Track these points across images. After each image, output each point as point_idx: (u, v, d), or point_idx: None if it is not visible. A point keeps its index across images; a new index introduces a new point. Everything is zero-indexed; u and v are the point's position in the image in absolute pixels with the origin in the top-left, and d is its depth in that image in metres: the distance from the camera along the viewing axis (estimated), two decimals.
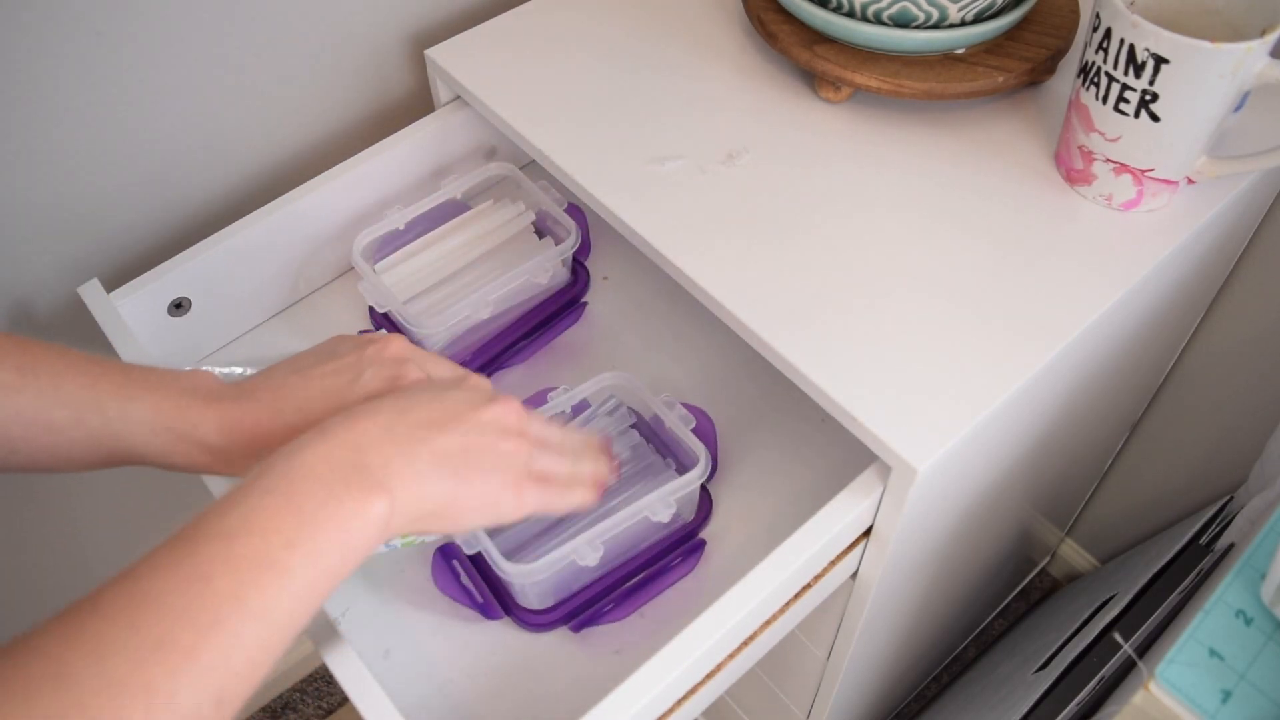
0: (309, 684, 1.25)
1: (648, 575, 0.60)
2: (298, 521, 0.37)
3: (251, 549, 0.36)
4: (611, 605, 0.59)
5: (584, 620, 0.59)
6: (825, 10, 0.63)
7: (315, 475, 0.38)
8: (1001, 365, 0.53)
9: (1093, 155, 0.58)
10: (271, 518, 0.37)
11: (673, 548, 0.61)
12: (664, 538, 0.61)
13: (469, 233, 0.72)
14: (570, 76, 0.70)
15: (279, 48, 0.72)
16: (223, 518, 0.36)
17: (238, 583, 0.35)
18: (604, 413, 0.63)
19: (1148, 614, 0.76)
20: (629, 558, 0.60)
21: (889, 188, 0.62)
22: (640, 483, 0.60)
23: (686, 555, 0.61)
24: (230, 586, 0.34)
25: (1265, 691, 0.58)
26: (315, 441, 0.40)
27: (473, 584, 0.59)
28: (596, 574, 0.59)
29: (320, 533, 0.37)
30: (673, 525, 0.61)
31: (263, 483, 0.38)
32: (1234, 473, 0.98)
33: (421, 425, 0.42)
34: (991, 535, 0.82)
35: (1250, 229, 0.78)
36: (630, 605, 0.59)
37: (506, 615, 0.59)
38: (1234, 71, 0.51)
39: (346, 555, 0.38)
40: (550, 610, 0.58)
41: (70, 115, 0.65)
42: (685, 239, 0.59)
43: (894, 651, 0.83)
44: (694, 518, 0.62)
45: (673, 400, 0.62)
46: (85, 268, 0.72)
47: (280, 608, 0.36)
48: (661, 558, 0.60)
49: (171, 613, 0.33)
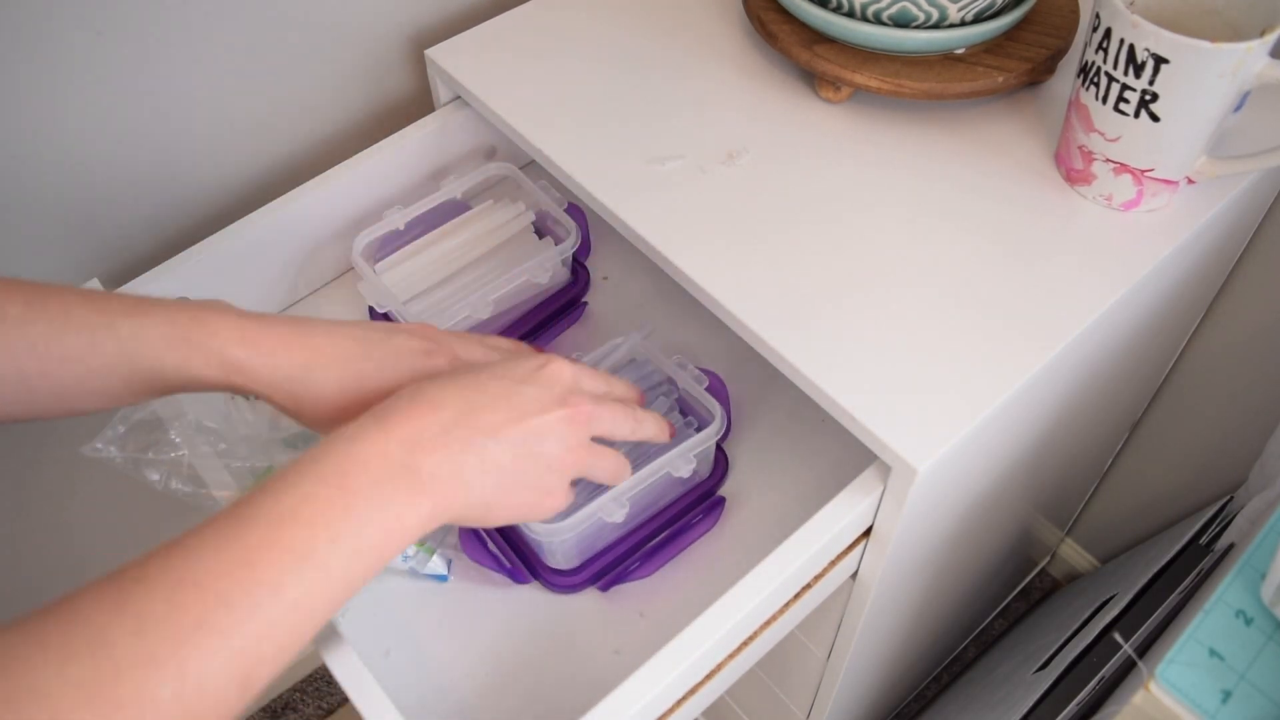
0: (309, 684, 1.25)
1: (672, 532, 0.61)
2: (345, 516, 0.37)
3: (298, 540, 0.36)
4: (638, 563, 0.60)
5: (612, 579, 0.60)
6: (825, 10, 0.63)
7: (368, 471, 0.39)
8: (1001, 365, 0.53)
9: (1093, 155, 0.58)
10: (322, 510, 0.37)
11: (694, 505, 0.62)
12: (684, 495, 0.62)
13: (469, 233, 0.72)
14: (570, 76, 0.70)
15: (279, 48, 0.72)
16: (276, 502, 0.37)
17: (280, 571, 0.35)
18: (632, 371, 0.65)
19: (1148, 614, 0.76)
20: (650, 515, 0.61)
21: (889, 188, 0.62)
22: None
23: (707, 512, 0.62)
24: (273, 575, 0.35)
25: (1265, 691, 0.58)
26: (373, 431, 0.40)
27: (499, 550, 0.60)
28: (620, 532, 0.60)
29: (365, 529, 0.38)
30: (691, 482, 0.62)
31: (317, 470, 0.38)
32: (1234, 473, 0.98)
33: (481, 431, 0.43)
34: (991, 535, 0.82)
35: (1250, 229, 0.78)
36: (656, 562, 0.60)
37: (535, 579, 0.60)
38: (1234, 71, 0.51)
39: (384, 553, 0.39)
40: (578, 570, 0.59)
41: (70, 115, 0.65)
42: (685, 239, 0.59)
43: (894, 651, 0.83)
44: (712, 475, 0.64)
45: (685, 361, 0.64)
46: (85, 268, 0.72)
47: (315, 598, 0.36)
48: (683, 515, 0.62)
49: (213, 596, 0.34)
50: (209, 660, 0.33)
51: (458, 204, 0.73)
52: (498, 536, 0.61)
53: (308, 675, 1.25)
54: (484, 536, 0.61)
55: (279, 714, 1.22)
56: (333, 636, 0.50)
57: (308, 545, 0.36)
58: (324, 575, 0.36)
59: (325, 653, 0.49)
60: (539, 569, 0.60)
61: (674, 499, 0.62)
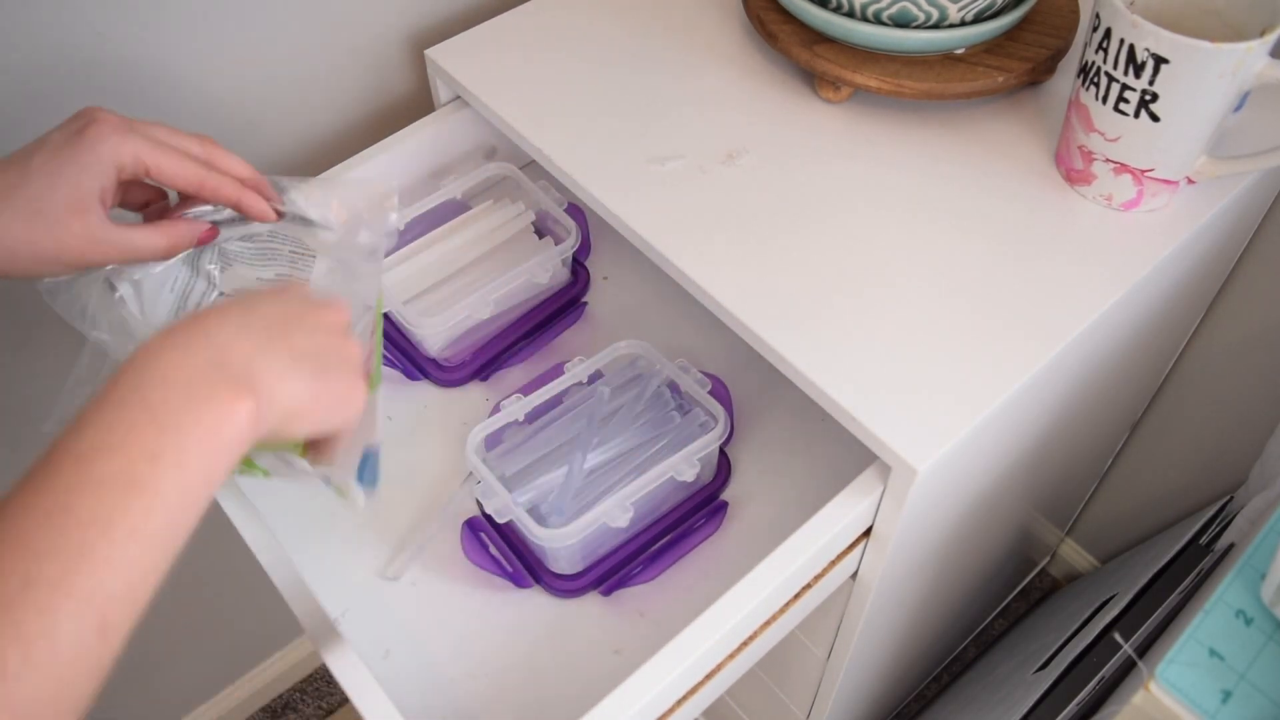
0: (309, 684, 1.25)
1: (674, 537, 0.61)
2: (158, 431, 0.35)
3: (111, 468, 0.34)
4: (640, 568, 0.60)
5: (614, 584, 0.60)
6: (825, 10, 0.63)
7: (171, 380, 0.36)
8: (1001, 365, 0.53)
9: (1093, 155, 0.58)
10: (129, 431, 0.34)
11: (696, 509, 0.62)
12: (687, 500, 0.62)
13: (469, 233, 0.72)
14: (570, 76, 0.70)
15: (279, 48, 0.72)
16: (77, 438, 0.34)
17: (100, 505, 0.33)
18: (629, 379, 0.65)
19: (1148, 614, 0.76)
20: (653, 520, 0.61)
21: (889, 188, 0.62)
22: (664, 442, 0.62)
23: (710, 517, 0.62)
24: (92, 512, 0.33)
25: (1265, 691, 0.58)
26: (164, 346, 0.37)
27: (502, 554, 0.60)
28: (624, 537, 0.60)
29: (186, 440, 0.35)
30: (695, 487, 0.62)
31: (114, 395, 0.35)
32: (1234, 473, 0.98)
33: (274, 323, 0.40)
34: (991, 535, 0.82)
35: (1250, 229, 0.78)
36: (658, 567, 0.60)
37: (537, 583, 0.60)
38: (1234, 71, 0.51)
39: (217, 461, 0.36)
40: (581, 575, 0.59)
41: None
42: (685, 239, 0.59)
43: (894, 651, 0.83)
44: (715, 480, 0.63)
45: (687, 365, 0.64)
46: None
47: (153, 524, 0.34)
48: (686, 520, 0.62)
49: (34, 549, 0.32)
50: (47, 616, 0.31)
51: (458, 204, 0.73)
52: (500, 541, 0.61)
53: (308, 675, 1.25)
54: (486, 541, 0.61)
55: (279, 714, 1.22)
56: (333, 636, 0.50)
57: (124, 471, 0.34)
58: (152, 498, 0.34)
59: (325, 653, 0.49)
60: (541, 574, 0.60)
61: (677, 504, 0.62)
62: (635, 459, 0.61)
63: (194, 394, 0.36)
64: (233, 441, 0.37)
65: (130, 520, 0.33)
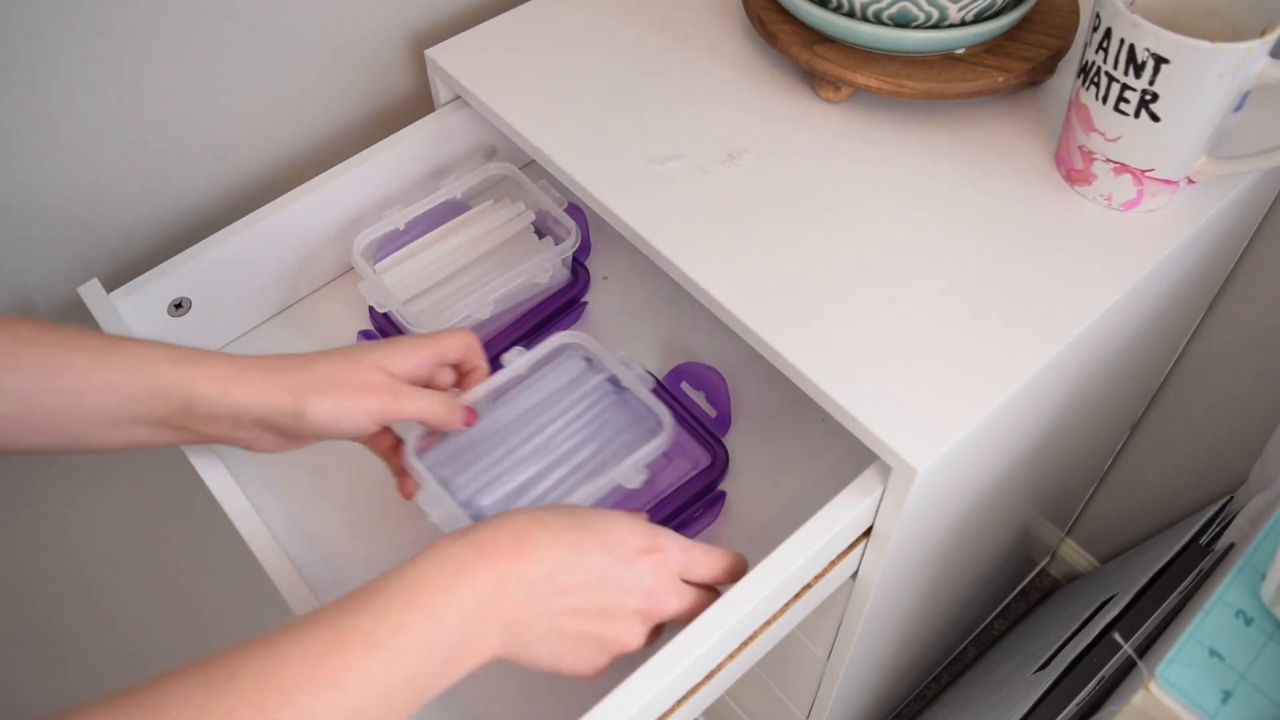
0: None
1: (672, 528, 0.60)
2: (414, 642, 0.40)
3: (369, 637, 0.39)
4: None
5: None
6: (825, 10, 0.63)
7: (463, 618, 0.41)
8: (1001, 365, 0.53)
9: (1093, 155, 0.58)
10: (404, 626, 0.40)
11: (694, 500, 0.62)
12: (684, 487, 0.62)
13: (469, 233, 0.72)
14: (570, 76, 0.70)
15: (279, 48, 0.72)
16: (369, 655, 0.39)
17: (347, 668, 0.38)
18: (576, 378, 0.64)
19: (1148, 614, 0.76)
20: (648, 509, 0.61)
21: (889, 188, 0.62)
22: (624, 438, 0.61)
23: (708, 507, 0.62)
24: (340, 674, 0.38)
25: (1265, 691, 0.58)
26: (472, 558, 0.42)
27: None
28: None
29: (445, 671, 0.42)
30: (691, 474, 0.62)
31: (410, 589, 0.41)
32: (1234, 473, 0.98)
33: (565, 612, 0.45)
34: (991, 535, 0.82)
35: (1250, 229, 0.78)
36: None
37: None
38: (1234, 71, 0.51)
39: (443, 682, 0.42)
40: None
41: (70, 115, 0.65)
42: (685, 239, 0.59)
43: (894, 651, 0.83)
44: (713, 469, 0.63)
45: (629, 359, 0.62)
46: (85, 268, 0.72)
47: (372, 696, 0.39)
48: (684, 510, 0.61)
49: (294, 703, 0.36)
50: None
51: (458, 204, 0.73)
52: None
53: None
54: None
55: None
56: None
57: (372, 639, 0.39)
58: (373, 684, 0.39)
59: None
60: None
61: (674, 491, 0.62)
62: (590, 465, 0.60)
63: (469, 637, 0.42)
64: (455, 673, 0.43)
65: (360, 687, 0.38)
